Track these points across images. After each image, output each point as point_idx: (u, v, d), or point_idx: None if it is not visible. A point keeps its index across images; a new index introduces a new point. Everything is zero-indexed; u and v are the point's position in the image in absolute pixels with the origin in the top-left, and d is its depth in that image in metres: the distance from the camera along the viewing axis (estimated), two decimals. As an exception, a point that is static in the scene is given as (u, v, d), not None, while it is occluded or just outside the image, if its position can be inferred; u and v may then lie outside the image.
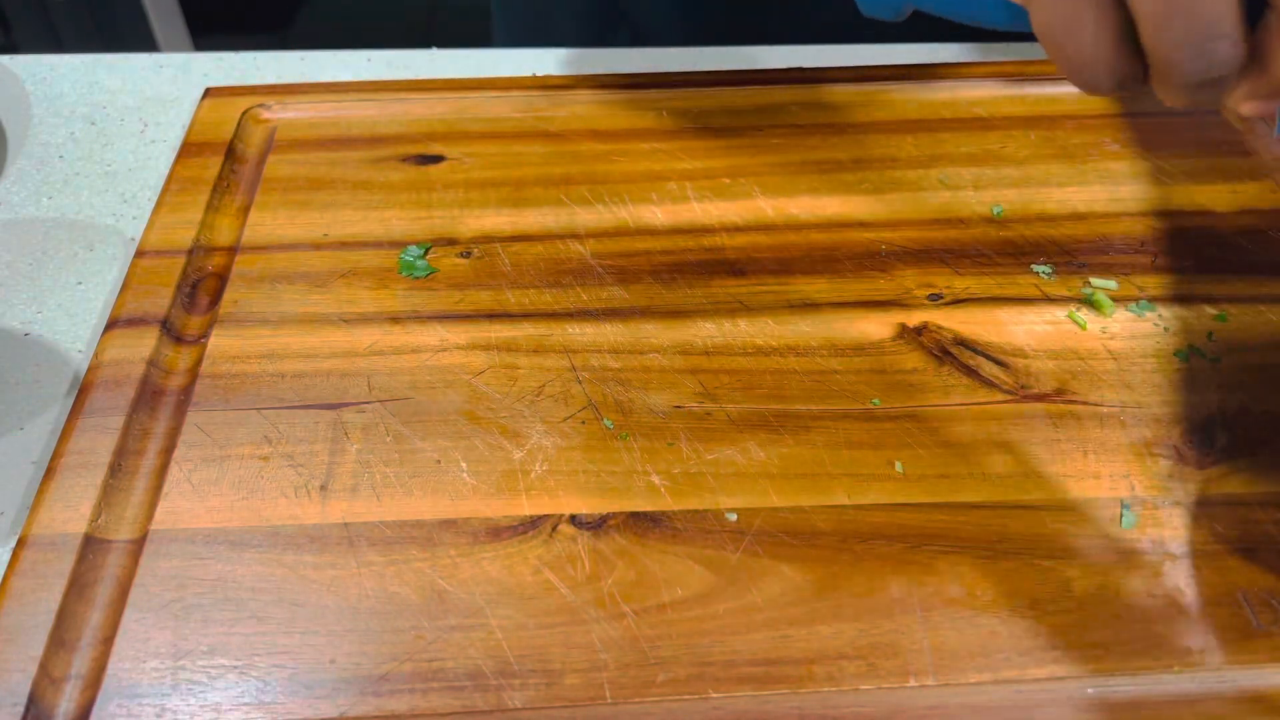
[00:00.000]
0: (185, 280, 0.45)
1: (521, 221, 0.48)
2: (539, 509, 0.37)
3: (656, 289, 0.45)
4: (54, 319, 0.45)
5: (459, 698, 0.32)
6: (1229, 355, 0.42)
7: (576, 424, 0.40)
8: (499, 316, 0.44)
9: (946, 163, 0.51)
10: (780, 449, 0.39)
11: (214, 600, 0.34)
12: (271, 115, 0.54)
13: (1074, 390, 0.41)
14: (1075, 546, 0.36)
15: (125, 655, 0.33)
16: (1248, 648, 0.33)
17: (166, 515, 0.37)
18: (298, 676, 0.33)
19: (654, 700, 0.32)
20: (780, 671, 0.33)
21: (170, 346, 0.43)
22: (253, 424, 0.40)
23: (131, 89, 0.58)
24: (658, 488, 0.37)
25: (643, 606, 0.34)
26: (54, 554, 0.35)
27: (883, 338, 0.43)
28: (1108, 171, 0.50)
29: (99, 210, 0.51)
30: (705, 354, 0.42)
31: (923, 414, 0.40)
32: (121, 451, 0.39)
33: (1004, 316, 0.43)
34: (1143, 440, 0.39)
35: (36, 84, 0.58)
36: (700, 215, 0.48)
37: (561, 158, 0.51)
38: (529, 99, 0.55)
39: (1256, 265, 0.46)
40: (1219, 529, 0.36)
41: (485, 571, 0.35)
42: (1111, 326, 0.43)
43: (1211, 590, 0.35)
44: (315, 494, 0.37)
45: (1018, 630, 0.34)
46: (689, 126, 0.53)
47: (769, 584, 0.35)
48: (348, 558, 0.36)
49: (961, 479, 0.38)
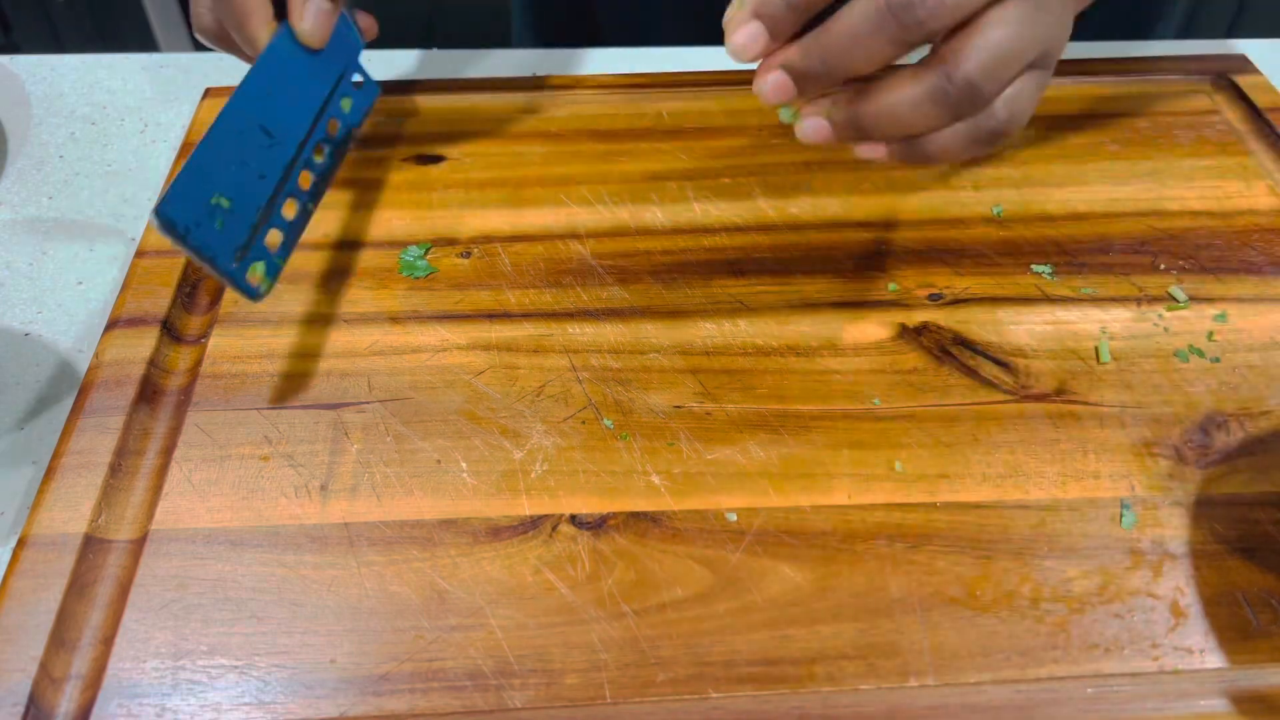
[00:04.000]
0: (185, 280, 0.45)
1: (521, 221, 0.48)
2: (539, 509, 0.37)
3: (656, 289, 0.45)
4: (54, 319, 0.45)
5: (459, 698, 0.32)
6: (1229, 355, 0.42)
7: (576, 424, 0.40)
8: (499, 316, 0.44)
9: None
10: (780, 449, 0.39)
11: (214, 600, 0.34)
12: (271, 115, 0.54)
13: (1074, 390, 0.41)
14: (1075, 546, 0.36)
15: (125, 655, 0.33)
16: (1248, 648, 0.33)
17: (166, 515, 0.37)
18: (298, 676, 0.33)
19: (654, 700, 0.32)
20: (780, 671, 0.33)
21: (170, 346, 0.43)
22: (253, 424, 0.40)
23: (131, 89, 0.58)
24: (658, 488, 0.37)
25: (643, 606, 0.34)
26: (54, 554, 0.35)
27: (883, 338, 0.43)
28: (1108, 171, 0.50)
29: (99, 210, 0.51)
30: (705, 354, 0.42)
31: (923, 414, 0.40)
32: (121, 451, 0.39)
33: (1004, 316, 0.43)
34: (1143, 440, 0.39)
35: (36, 84, 0.58)
36: (700, 215, 0.48)
37: (561, 158, 0.51)
38: (529, 99, 0.55)
39: (1256, 265, 0.46)
40: (1219, 529, 0.36)
41: (485, 571, 0.35)
42: (1111, 326, 0.43)
43: (1211, 590, 0.35)
44: (315, 494, 0.37)
45: (1018, 630, 0.34)
46: (689, 126, 0.53)
47: (769, 584, 0.35)
48: (348, 558, 0.36)
49: (961, 479, 0.38)
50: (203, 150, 0.38)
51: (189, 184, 0.37)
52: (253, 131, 0.41)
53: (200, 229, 0.37)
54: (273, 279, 0.40)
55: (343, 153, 0.47)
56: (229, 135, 0.40)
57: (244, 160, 0.40)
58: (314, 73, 0.44)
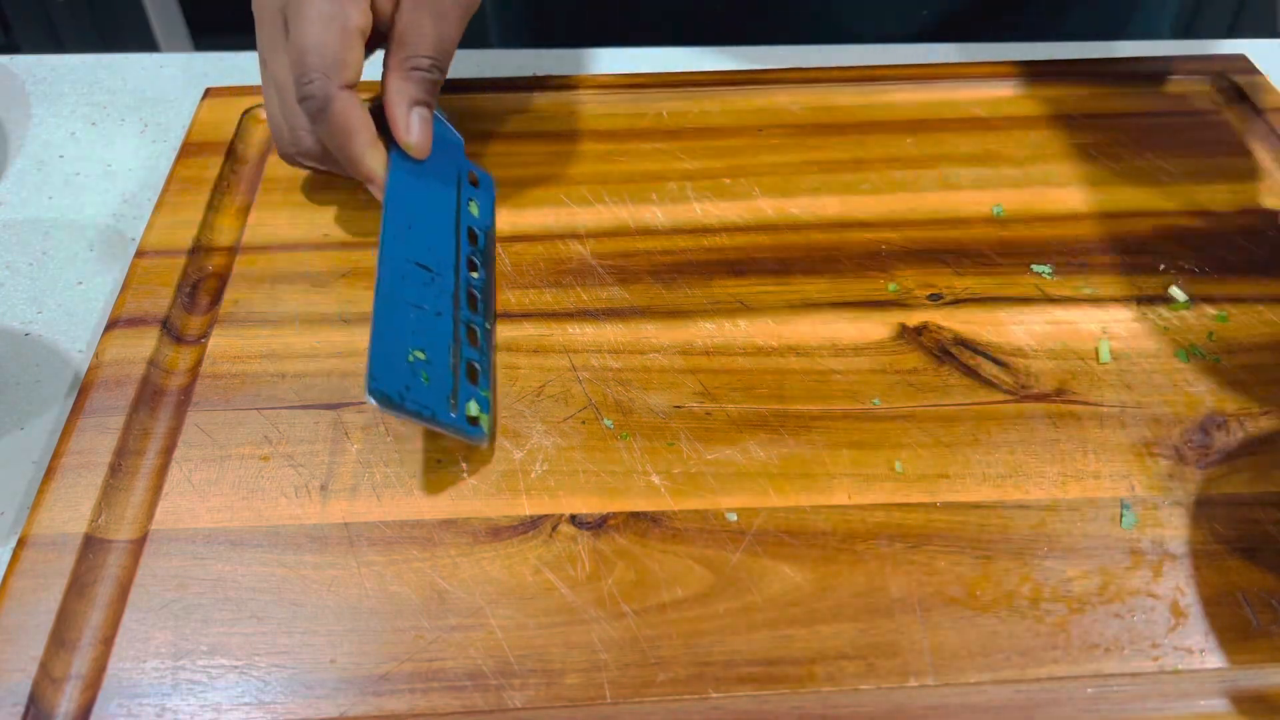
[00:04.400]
0: (185, 280, 0.45)
1: (521, 221, 0.48)
2: (539, 509, 0.37)
3: (656, 289, 0.45)
4: (54, 319, 0.45)
5: (459, 698, 0.32)
6: (1229, 355, 0.42)
7: (576, 424, 0.40)
8: (499, 316, 0.44)
9: (946, 163, 0.51)
10: (780, 449, 0.39)
11: (214, 600, 0.34)
12: (271, 115, 0.54)
13: (1074, 390, 0.41)
14: (1075, 546, 0.36)
15: (125, 655, 0.33)
16: (1248, 648, 0.33)
17: (166, 515, 0.37)
18: (298, 676, 0.33)
19: (654, 700, 0.32)
20: (780, 671, 0.33)
21: (170, 346, 0.43)
22: (253, 424, 0.40)
23: (131, 89, 0.58)
24: (658, 488, 0.37)
25: (643, 606, 0.34)
26: (54, 554, 0.35)
27: (883, 338, 0.43)
28: (1108, 171, 0.50)
29: (99, 210, 0.51)
30: (705, 354, 0.42)
31: (923, 414, 0.40)
32: (121, 451, 0.39)
33: (1004, 316, 0.43)
34: (1143, 440, 0.39)
35: (36, 84, 0.58)
36: (700, 215, 0.48)
37: (561, 158, 0.51)
38: (529, 99, 0.55)
39: (1256, 265, 0.46)
40: (1219, 529, 0.36)
41: (485, 571, 0.35)
42: (1111, 326, 0.43)
43: (1211, 590, 0.35)
44: (315, 494, 0.37)
45: (1018, 630, 0.34)
46: (689, 126, 0.53)
47: (769, 584, 0.35)
48: (348, 558, 0.36)
49: (961, 479, 0.38)
50: (380, 310, 0.38)
51: (384, 350, 0.37)
52: (412, 272, 0.40)
53: (413, 390, 0.36)
54: (488, 412, 0.39)
55: (491, 257, 0.46)
56: (395, 285, 0.39)
57: (418, 304, 0.39)
58: (437, 189, 0.44)
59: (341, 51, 0.40)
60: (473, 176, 0.48)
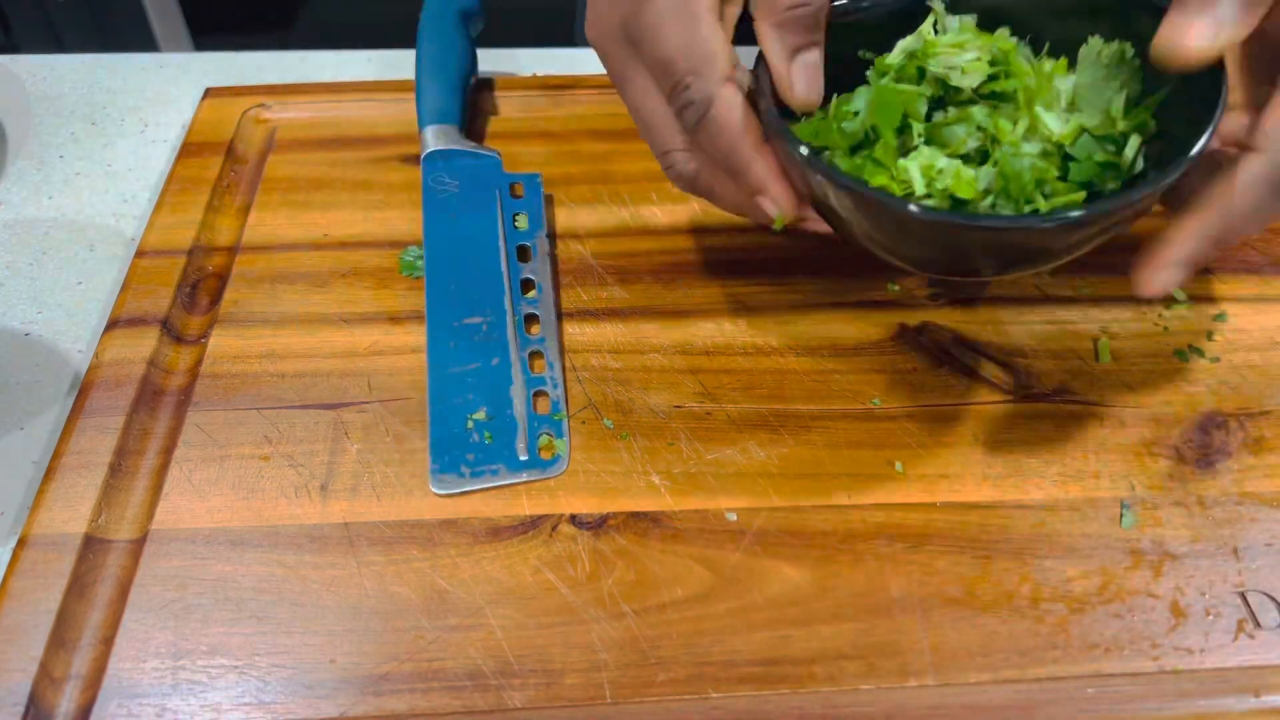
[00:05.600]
0: (185, 280, 0.45)
1: (521, 221, 0.48)
2: (539, 509, 0.37)
3: (656, 289, 0.45)
4: (54, 319, 0.45)
5: (459, 698, 0.32)
6: (1229, 355, 0.42)
7: (576, 424, 0.40)
8: (499, 316, 0.44)
9: (946, 163, 0.51)
10: (780, 449, 0.39)
11: (214, 600, 0.34)
12: (271, 115, 0.54)
13: (1074, 390, 0.41)
14: (1075, 546, 0.36)
15: (125, 655, 0.33)
16: (1248, 648, 0.33)
17: (167, 515, 0.37)
18: (298, 676, 0.33)
19: (654, 700, 0.32)
20: (780, 671, 0.33)
21: (170, 346, 0.43)
22: (253, 424, 0.40)
23: (131, 89, 0.58)
24: (658, 487, 0.38)
25: (643, 606, 0.34)
26: (54, 554, 0.35)
27: (883, 338, 0.43)
28: (1108, 171, 0.50)
29: (99, 210, 0.51)
30: (705, 354, 0.42)
31: (922, 414, 0.40)
32: (121, 451, 0.39)
33: (1004, 316, 0.43)
34: (1143, 440, 0.39)
35: (36, 84, 0.58)
36: (700, 215, 0.48)
37: (561, 158, 0.51)
38: (529, 99, 0.55)
39: (1256, 265, 0.46)
40: (1219, 529, 0.36)
41: (485, 571, 0.35)
42: (1111, 326, 0.43)
43: (1211, 590, 0.35)
44: (315, 494, 0.37)
45: (1018, 630, 0.34)
46: (689, 126, 0.53)
47: (769, 584, 0.35)
48: (348, 558, 0.36)
49: (961, 479, 0.38)
50: (433, 389, 0.39)
51: (441, 432, 0.38)
52: (461, 333, 0.41)
53: (478, 458, 0.37)
54: (564, 438, 0.39)
55: (547, 261, 0.45)
56: (443, 357, 0.40)
57: (471, 362, 0.39)
58: (477, 224, 0.44)
59: (707, 41, 0.33)
60: (516, 189, 0.48)
